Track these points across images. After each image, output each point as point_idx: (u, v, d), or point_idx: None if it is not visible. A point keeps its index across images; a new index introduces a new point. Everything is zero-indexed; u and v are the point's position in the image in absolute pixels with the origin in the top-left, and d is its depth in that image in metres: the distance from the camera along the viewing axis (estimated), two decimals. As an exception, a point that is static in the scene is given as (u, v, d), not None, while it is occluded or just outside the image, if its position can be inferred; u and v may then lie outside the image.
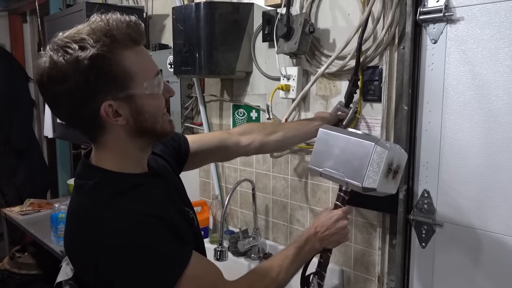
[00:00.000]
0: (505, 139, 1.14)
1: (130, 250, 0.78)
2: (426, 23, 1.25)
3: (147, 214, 0.82)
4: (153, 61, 0.87)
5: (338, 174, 1.09)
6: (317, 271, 1.14)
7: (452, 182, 1.25)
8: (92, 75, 0.76)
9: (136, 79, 0.81)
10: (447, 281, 1.29)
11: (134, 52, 0.81)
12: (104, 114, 0.79)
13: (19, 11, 3.74)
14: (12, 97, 3.50)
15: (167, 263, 0.80)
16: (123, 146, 0.86)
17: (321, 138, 1.16)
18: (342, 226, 1.09)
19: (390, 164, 1.04)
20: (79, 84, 0.76)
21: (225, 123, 1.96)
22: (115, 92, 0.79)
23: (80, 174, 0.89)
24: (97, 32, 0.77)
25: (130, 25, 0.80)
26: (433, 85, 1.26)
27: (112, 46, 0.77)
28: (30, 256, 2.69)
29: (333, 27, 1.49)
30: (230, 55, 1.73)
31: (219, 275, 0.89)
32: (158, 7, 2.26)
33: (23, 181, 3.53)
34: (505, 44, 1.12)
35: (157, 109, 0.86)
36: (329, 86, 1.52)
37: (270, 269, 0.98)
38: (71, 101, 0.79)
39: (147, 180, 0.90)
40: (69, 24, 0.82)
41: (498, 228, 1.17)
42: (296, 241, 1.08)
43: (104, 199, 0.83)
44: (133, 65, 0.80)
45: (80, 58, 0.75)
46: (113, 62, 0.77)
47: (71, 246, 0.88)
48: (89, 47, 0.75)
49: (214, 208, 1.96)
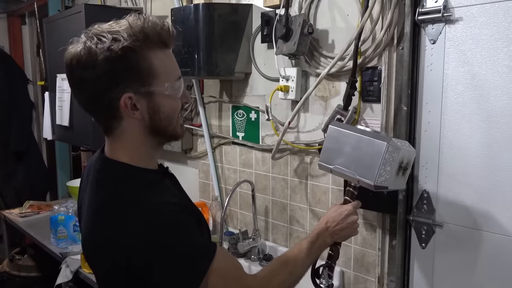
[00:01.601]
0: (504, 139, 1.14)
1: (164, 240, 0.80)
2: (424, 24, 1.25)
3: (176, 204, 0.85)
4: (177, 66, 0.90)
5: (349, 172, 1.11)
6: (327, 263, 1.16)
7: (451, 182, 1.25)
8: (119, 65, 0.81)
9: (159, 78, 0.85)
10: (447, 281, 1.29)
11: (163, 53, 0.86)
12: (123, 105, 0.83)
13: (18, 13, 3.74)
14: (11, 99, 3.50)
15: (199, 252, 0.83)
16: (137, 140, 0.89)
17: (331, 135, 1.17)
18: (352, 221, 1.12)
19: (401, 162, 1.06)
20: (106, 72, 0.81)
21: (224, 124, 1.96)
22: (137, 86, 0.83)
23: (100, 168, 0.91)
24: (133, 28, 0.81)
25: (164, 28, 0.85)
26: (432, 86, 1.26)
27: (144, 43, 0.82)
28: (29, 258, 2.69)
29: (332, 28, 1.49)
30: (229, 56, 1.73)
31: (241, 268, 0.93)
32: (156, 9, 2.26)
33: (22, 183, 3.53)
34: (503, 44, 1.12)
35: (173, 111, 0.89)
36: (328, 87, 1.52)
37: (287, 263, 1.01)
38: (95, 87, 0.83)
39: (162, 176, 0.95)
40: (68, 26, 0.84)
41: (497, 228, 1.17)
42: (308, 236, 1.10)
43: (131, 191, 0.85)
44: (159, 65, 0.84)
45: (112, 48, 0.79)
46: (141, 57, 0.82)
47: (97, 240, 0.88)
48: (122, 40, 0.80)
49: (214, 210, 1.96)
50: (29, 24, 3.79)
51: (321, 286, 1.15)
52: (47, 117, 2.74)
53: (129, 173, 0.88)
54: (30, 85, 3.77)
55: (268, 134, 1.77)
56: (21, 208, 2.73)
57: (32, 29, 3.75)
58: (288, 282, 0.99)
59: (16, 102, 3.54)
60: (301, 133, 1.63)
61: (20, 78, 3.64)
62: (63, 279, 1.92)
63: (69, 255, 1.99)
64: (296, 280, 1.01)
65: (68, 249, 2.06)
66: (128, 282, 0.83)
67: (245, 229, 1.83)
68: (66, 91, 2.35)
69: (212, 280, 0.83)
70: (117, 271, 0.84)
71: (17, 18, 3.82)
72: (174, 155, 2.21)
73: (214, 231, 1.94)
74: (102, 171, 0.90)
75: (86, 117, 0.94)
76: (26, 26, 3.83)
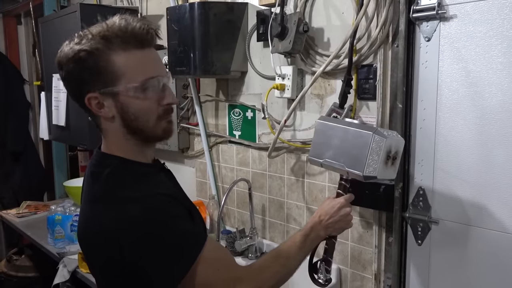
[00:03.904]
0: (498, 136, 1.14)
1: (154, 227, 0.82)
2: (419, 21, 1.25)
3: (167, 195, 0.87)
4: (153, 66, 0.90)
5: (338, 164, 1.11)
6: (324, 257, 1.17)
7: (447, 179, 1.25)
8: (79, 67, 0.85)
9: (123, 79, 0.86)
10: (443, 277, 1.29)
11: (132, 54, 0.86)
12: (87, 103, 0.88)
13: (13, 13, 3.72)
14: (7, 100, 3.49)
15: (188, 240, 0.85)
16: (120, 138, 0.91)
17: (318, 129, 1.18)
18: (345, 214, 1.12)
19: (389, 151, 1.07)
20: (71, 72, 0.87)
21: (221, 123, 1.96)
22: (100, 86, 0.86)
23: (95, 163, 0.94)
24: (102, 31, 0.85)
25: (138, 28, 0.86)
26: (427, 83, 1.26)
27: (106, 46, 0.84)
28: (27, 259, 2.68)
29: (327, 26, 1.49)
30: (225, 55, 1.73)
31: (232, 259, 0.95)
32: (152, 8, 2.26)
33: (19, 183, 3.52)
34: (498, 41, 1.12)
35: (144, 112, 0.89)
36: (324, 85, 1.52)
37: (279, 256, 1.02)
38: (68, 86, 0.90)
39: (157, 170, 0.98)
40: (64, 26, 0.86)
41: (493, 224, 1.18)
42: (302, 229, 1.11)
43: (125, 183, 0.88)
44: (123, 66, 0.85)
45: (75, 49, 0.84)
46: (102, 59, 0.84)
47: (92, 229, 0.89)
48: (85, 41, 0.84)
49: (211, 208, 1.96)
50: (25, 24, 3.78)
51: (319, 281, 1.16)
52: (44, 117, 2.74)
53: (123, 166, 0.90)
54: (27, 85, 3.76)
55: (264, 133, 1.77)
56: (19, 209, 2.73)
57: (28, 29, 3.74)
58: (280, 274, 0.99)
59: (13, 103, 3.53)
60: (297, 131, 1.63)
61: (16, 78, 3.63)
62: (60, 279, 1.92)
63: (67, 255, 1.99)
64: (288, 272, 1.01)
65: (66, 249, 2.05)
66: (121, 270, 0.85)
67: (242, 228, 1.84)
68: (62, 91, 2.35)
69: (201, 269, 0.84)
70: (112, 260, 0.85)
71: (12, 18, 3.80)
72: (171, 154, 2.21)
73: (211, 230, 1.94)
74: (97, 165, 0.93)
75: (83, 117, 0.96)
76: (21, 26, 3.81)
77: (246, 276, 0.93)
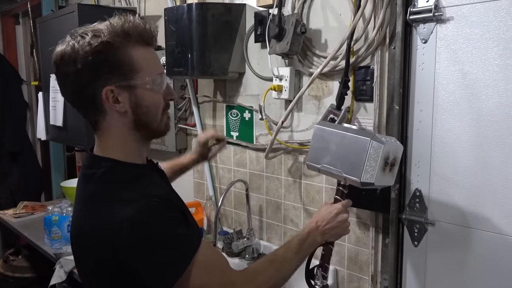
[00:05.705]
0: (495, 138, 1.15)
1: (148, 229, 0.82)
2: (416, 23, 1.26)
3: (160, 197, 0.87)
4: (159, 63, 0.94)
5: (336, 170, 1.10)
6: (321, 263, 1.16)
7: (443, 180, 1.26)
8: (99, 59, 0.84)
9: (140, 72, 0.88)
10: (439, 279, 1.30)
11: (144, 50, 0.89)
12: (104, 98, 0.86)
13: (11, 13, 3.72)
14: (4, 100, 3.47)
15: (183, 243, 0.85)
16: (122, 135, 0.91)
17: (316, 134, 1.17)
18: (343, 220, 1.12)
19: (387, 157, 1.05)
20: (86, 66, 0.84)
21: (218, 123, 1.96)
22: (118, 79, 0.86)
23: (88, 165, 0.94)
24: (114, 27, 0.86)
25: (145, 28, 0.89)
26: (424, 85, 1.27)
27: (124, 39, 0.86)
28: (24, 259, 2.68)
29: (325, 27, 1.49)
30: (222, 56, 1.73)
31: (227, 263, 0.95)
32: (150, 8, 2.26)
33: (16, 183, 3.51)
34: (494, 44, 1.13)
35: (155, 105, 0.91)
36: (321, 86, 1.53)
37: (274, 261, 1.02)
38: (77, 81, 0.87)
39: (151, 171, 0.98)
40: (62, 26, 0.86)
41: (488, 226, 1.18)
42: (298, 234, 1.10)
43: (119, 184, 0.88)
44: (140, 60, 0.88)
45: (92, 43, 0.83)
46: (121, 51, 0.85)
47: (85, 230, 0.89)
48: (102, 36, 0.84)
49: (208, 209, 1.96)
50: (23, 24, 3.77)
51: (316, 287, 1.15)
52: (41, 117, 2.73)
53: (116, 167, 0.90)
54: (24, 85, 3.75)
55: (262, 134, 1.77)
56: (15, 209, 2.72)
57: (26, 29, 3.73)
58: (275, 279, 0.98)
59: (10, 103, 3.52)
60: (295, 132, 1.63)
61: (14, 78, 3.62)
62: (57, 280, 1.92)
63: (63, 255, 1.98)
64: (283, 277, 1.01)
65: (62, 249, 2.05)
66: (114, 271, 0.85)
67: (240, 229, 1.84)
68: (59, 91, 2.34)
69: (195, 272, 0.84)
70: (104, 262, 0.85)
71: (10, 18, 3.80)
72: (169, 155, 2.20)
73: (208, 231, 1.94)
74: (89, 167, 0.93)
75: (80, 117, 0.95)
76: (19, 26, 3.80)
77: (240, 279, 0.93)
